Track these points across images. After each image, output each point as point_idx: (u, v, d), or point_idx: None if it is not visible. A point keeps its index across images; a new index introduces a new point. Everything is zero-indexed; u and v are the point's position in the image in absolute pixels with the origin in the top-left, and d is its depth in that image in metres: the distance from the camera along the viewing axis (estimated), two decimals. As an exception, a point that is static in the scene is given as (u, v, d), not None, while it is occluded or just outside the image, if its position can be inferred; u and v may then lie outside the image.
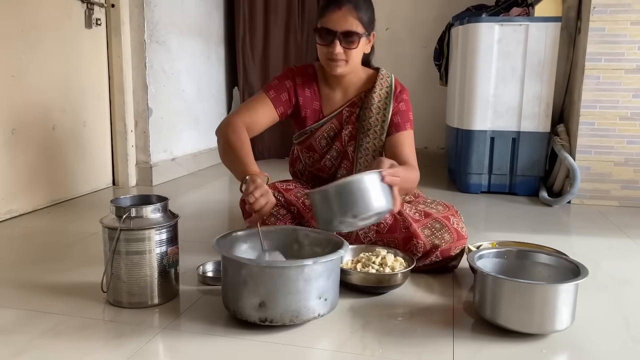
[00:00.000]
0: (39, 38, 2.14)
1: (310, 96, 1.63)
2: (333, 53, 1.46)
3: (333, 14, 1.45)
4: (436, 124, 3.45)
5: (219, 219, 2.16)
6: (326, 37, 1.47)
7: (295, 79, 1.61)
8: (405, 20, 3.45)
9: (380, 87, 1.60)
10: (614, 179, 2.41)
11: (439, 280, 1.45)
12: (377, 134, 1.60)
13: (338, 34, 1.45)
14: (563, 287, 1.09)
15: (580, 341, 1.12)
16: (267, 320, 1.11)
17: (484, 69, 2.53)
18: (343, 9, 1.45)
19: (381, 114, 1.59)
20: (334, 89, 1.63)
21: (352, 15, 1.45)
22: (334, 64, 1.49)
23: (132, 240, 1.20)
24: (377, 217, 1.25)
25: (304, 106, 1.62)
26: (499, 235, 1.89)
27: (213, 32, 3.34)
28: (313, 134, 1.66)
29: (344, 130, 1.63)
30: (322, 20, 1.48)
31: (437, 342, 1.10)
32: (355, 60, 1.52)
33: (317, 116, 1.64)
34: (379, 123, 1.59)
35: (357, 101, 1.62)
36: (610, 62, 2.34)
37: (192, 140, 3.15)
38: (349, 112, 1.62)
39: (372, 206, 1.18)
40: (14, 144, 2.05)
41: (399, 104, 1.60)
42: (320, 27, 1.48)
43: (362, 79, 1.62)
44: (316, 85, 1.64)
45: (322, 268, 1.12)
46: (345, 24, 1.45)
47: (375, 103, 1.59)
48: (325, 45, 1.48)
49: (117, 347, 1.07)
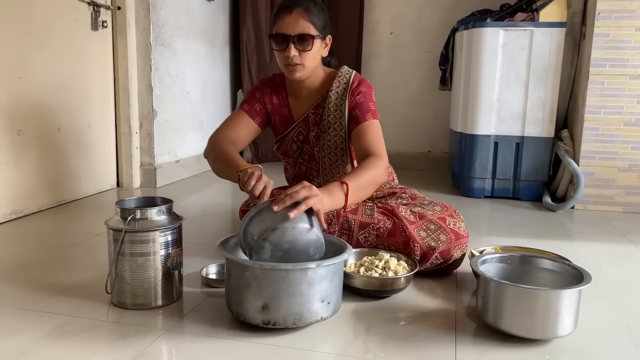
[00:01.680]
0: (45, 40, 2.15)
1: (278, 103, 1.68)
2: (289, 57, 1.49)
3: (285, 18, 1.49)
4: (440, 128, 3.45)
5: (223, 221, 2.16)
6: (281, 42, 1.50)
7: (264, 88, 1.68)
8: (410, 24, 3.46)
9: (337, 84, 1.62)
10: (617, 185, 2.41)
11: (441, 284, 1.45)
12: (337, 131, 1.61)
13: (292, 37, 1.48)
14: (566, 293, 1.09)
15: (582, 347, 1.12)
16: (270, 323, 1.11)
17: (489, 73, 2.53)
18: (294, 12, 1.48)
19: (338, 111, 1.60)
20: (300, 94, 1.66)
21: (303, 19, 1.48)
22: (291, 68, 1.52)
23: (136, 242, 1.20)
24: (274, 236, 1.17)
25: (273, 113, 1.68)
26: (502, 240, 1.89)
27: (218, 35, 3.35)
28: (285, 139, 1.70)
29: (311, 132, 1.67)
30: (275, 26, 1.51)
31: (440, 346, 1.10)
32: (312, 63, 1.54)
33: (289, 122, 1.69)
34: (337, 120, 1.61)
35: (321, 102, 1.64)
36: (615, 67, 2.34)
37: (196, 142, 3.16)
38: (314, 114, 1.65)
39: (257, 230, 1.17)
40: (20, 145, 2.06)
41: (355, 97, 1.60)
42: (274, 33, 1.51)
43: (324, 81, 1.64)
44: (284, 92, 1.69)
45: (326, 271, 1.12)
46: (298, 28, 1.48)
47: (333, 101, 1.61)
48: (281, 51, 1.51)
49: (121, 348, 1.07)
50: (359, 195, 1.37)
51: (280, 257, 1.15)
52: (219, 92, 3.42)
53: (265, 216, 1.18)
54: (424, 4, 3.41)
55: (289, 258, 1.16)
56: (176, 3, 2.82)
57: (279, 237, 1.15)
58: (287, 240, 1.15)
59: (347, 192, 1.30)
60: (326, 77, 1.65)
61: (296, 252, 1.16)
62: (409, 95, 3.50)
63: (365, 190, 1.39)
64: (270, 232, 1.14)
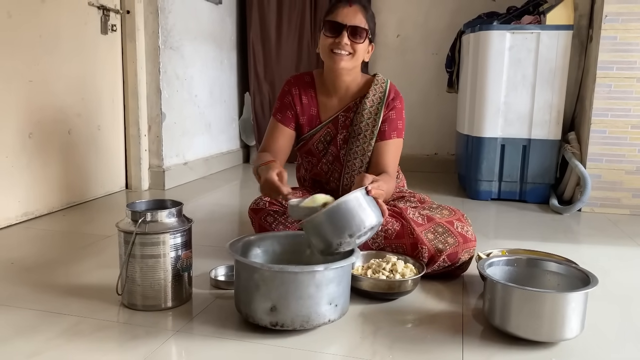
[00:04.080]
0: (55, 44, 2.18)
1: (307, 103, 1.68)
2: (340, 44, 1.51)
3: (344, 9, 1.53)
4: (446, 131, 3.45)
5: (231, 223, 2.18)
6: (335, 29, 1.53)
7: (292, 90, 1.68)
8: (417, 27, 3.47)
9: (374, 92, 1.64)
10: (625, 188, 2.41)
11: (448, 287, 1.46)
12: (367, 139, 1.63)
13: (347, 26, 1.51)
14: (573, 296, 1.09)
15: (589, 350, 1.13)
16: (278, 325, 1.13)
17: (495, 76, 2.54)
18: (354, 6, 1.53)
19: (372, 119, 1.62)
20: (331, 95, 1.67)
21: (361, 14, 1.53)
22: (338, 56, 1.53)
23: (147, 244, 1.22)
24: (371, 231, 1.24)
25: (302, 113, 1.68)
26: (509, 242, 1.89)
27: (226, 38, 3.37)
28: (311, 138, 1.71)
29: (339, 135, 1.68)
30: (332, 14, 1.55)
31: (447, 349, 1.11)
32: (359, 57, 1.56)
33: (315, 122, 1.69)
34: (369, 128, 1.62)
35: (353, 106, 1.65)
36: (622, 70, 2.34)
37: (204, 144, 3.18)
38: (345, 117, 1.66)
39: (364, 223, 1.18)
40: (31, 147, 2.09)
41: (389, 111, 1.63)
42: (329, 20, 1.54)
43: (360, 85, 1.66)
44: (313, 92, 1.69)
45: (333, 274, 1.14)
46: (355, 19, 1.52)
47: (368, 108, 1.62)
48: (332, 37, 1.53)
49: (131, 348, 1.09)
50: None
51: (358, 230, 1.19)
52: (226, 95, 3.44)
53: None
54: (430, 6, 3.42)
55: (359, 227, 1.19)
56: (184, 7, 2.85)
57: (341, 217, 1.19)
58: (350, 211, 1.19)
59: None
60: (362, 82, 1.66)
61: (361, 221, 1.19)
62: (416, 98, 3.50)
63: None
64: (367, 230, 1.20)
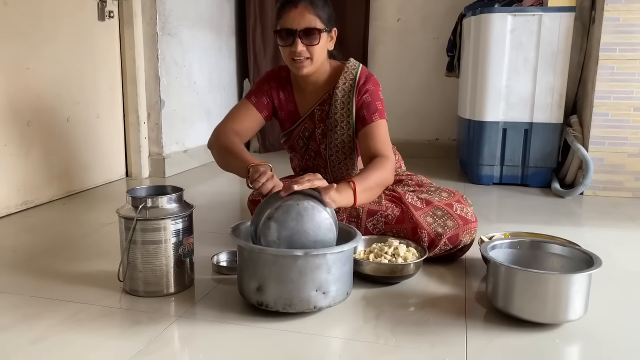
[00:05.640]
0: (53, 31, 2.16)
1: (284, 98, 1.66)
2: (296, 52, 1.47)
3: (290, 13, 1.46)
4: (448, 115, 3.44)
5: (232, 210, 2.17)
6: (287, 37, 1.48)
7: (270, 82, 1.65)
8: (417, 11, 3.43)
9: (344, 80, 1.59)
10: (627, 171, 2.39)
11: (451, 270, 1.46)
12: (345, 130, 1.59)
13: (298, 32, 1.45)
14: (576, 277, 1.09)
15: (593, 331, 1.12)
16: (263, 305, 1.14)
17: (497, 59, 2.52)
18: (299, 6, 1.46)
19: (345, 109, 1.58)
20: (306, 90, 1.64)
21: (309, 12, 1.46)
22: (299, 64, 1.50)
23: (148, 230, 1.22)
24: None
25: (279, 108, 1.66)
26: (511, 226, 1.89)
27: (224, 24, 3.34)
28: (291, 134, 1.69)
29: (317, 129, 1.65)
30: (281, 21, 1.49)
31: (450, 331, 1.11)
32: (319, 58, 1.51)
33: (294, 117, 1.67)
34: (344, 118, 1.58)
35: (327, 98, 1.61)
36: (625, 52, 2.32)
37: (204, 132, 3.16)
38: (320, 111, 1.63)
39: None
40: (30, 136, 2.07)
41: (362, 96, 1.57)
42: (279, 29, 1.49)
43: (330, 76, 1.61)
44: (290, 87, 1.66)
45: (321, 261, 1.12)
46: (304, 22, 1.45)
47: (340, 98, 1.58)
48: (287, 46, 1.48)
49: (134, 334, 1.09)
50: (367, 195, 1.37)
51: (287, 238, 1.15)
52: (225, 82, 3.42)
53: (272, 200, 1.20)
54: (430, -10, 3.38)
55: (297, 238, 1.16)
56: (182, -8, 2.82)
57: (283, 214, 1.15)
58: (292, 217, 1.15)
59: (355, 189, 1.29)
60: (332, 72, 1.62)
61: (304, 232, 1.16)
62: (416, 83, 3.48)
63: (373, 191, 1.40)
64: (274, 211, 1.15)
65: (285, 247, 1.15)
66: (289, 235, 1.16)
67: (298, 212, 1.16)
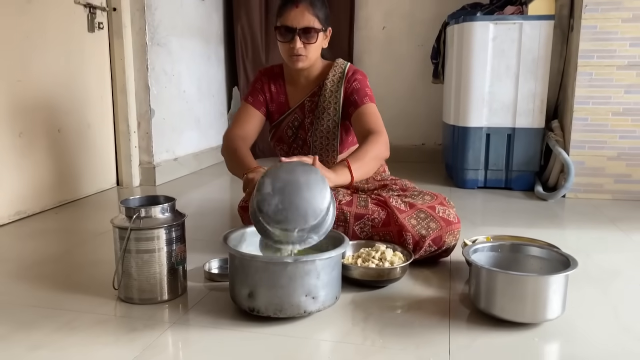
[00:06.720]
0: (43, 43, 2.19)
1: (276, 91, 1.78)
2: (294, 49, 1.59)
3: (291, 11, 1.59)
4: (433, 121, 3.50)
5: (222, 217, 2.21)
6: (286, 34, 1.60)
7: (262, 78, 1.79)
8: (402, 19, 3.50)
9: (333, 73, 1.73)
10: (607, 173, 2.47)
11: (436, 273, 1.51)
12: (331, 116, 1.71)
13: (298, 30, 1.58)
14: (554, 279, 1.14)
15: (570, 330, 1.17)
16: (255, 310, 1.18)
17: (479, 66, 2.58)
18: (300, 6, 1.58)
19: (333, 97, 1.70)
20: (297, 83, 1.77)
21: (309, 12, 1.58)
22: (295, 59, 1.62)
23: (142, 239, 1.25)
24: None
25: (271, 101, 1.78)
26: (495, 229, 1.94)
27: (212, 33, 3.38)
28: (280, 125, 1.80)
29: (306, 119, 1.77)
30: (281, 19, 1.61)
31: (435, 332, 1.15)
32: (315, 54, 1.65)
33: (284, 109, 1.79)
34: (331, 105, 1.71)
35: (317, 90, 1.74)
36: (603, 59, 2.39)
37: (194, 140, 3.20)
38: (310, 102, 1.75)
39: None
40: (22, 147, 2.10)
41: (351, 84, 1.70)
42: (280, 26, 1.61)
43: (321, 71, 1.75)
44: (282, 81, 1.79)
45: (310, 267, 1.16)
46: (303, 21, 1.58)
47: (329, 88, 1.71)
48: (287, 42, 1.61)
49: (130, 341, 1.12)
50: (364, 170, 1.46)
51: (280, 189, 1.18)
52: (214, 90, 3.46)
53: None
54: (415, -2, 3.45)
55: (290, 190, 1.18)
56: (170, 3, 2.85)
57: (276, 170, 1.22)
58: (285, 170, 1.22)
59: (350, 166, 1.40)
60: (323, 68, 1.75)
61: (296, 185, 1.19)
62: (402, 89, 3.54)
63: (369, 165, 1.49)
64: (268, 170, 1.23)
65: (279, 200, 1.18)
66: (281, 186, 1.19)
67: (291, 167, 1.24)
